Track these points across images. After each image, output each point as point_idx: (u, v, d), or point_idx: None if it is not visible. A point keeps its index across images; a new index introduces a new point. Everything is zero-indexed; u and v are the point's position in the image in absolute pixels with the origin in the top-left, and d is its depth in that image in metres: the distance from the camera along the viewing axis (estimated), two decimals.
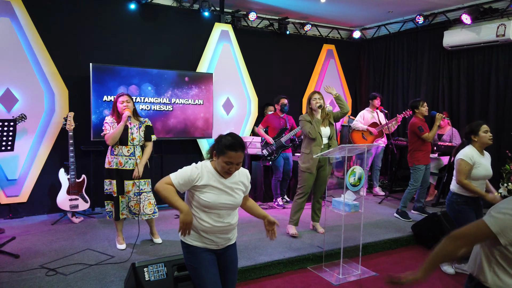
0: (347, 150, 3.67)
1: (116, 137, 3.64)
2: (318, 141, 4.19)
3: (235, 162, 2.10)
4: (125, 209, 3.80)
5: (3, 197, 4.71)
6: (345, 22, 7.58)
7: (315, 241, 4.20)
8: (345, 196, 3.77)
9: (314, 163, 4.20)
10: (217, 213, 2.18)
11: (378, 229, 4.67)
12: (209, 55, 6.04)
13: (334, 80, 7.78)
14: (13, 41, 4.66)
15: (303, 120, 4.29)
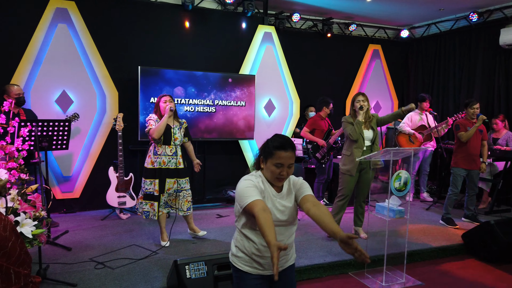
0: (392, 153, 3.55)
1: (161, 131, 3.73)
2: (359, 143, 4.10)
3: (286, 163, 1.85)
4: (162, 206, 3.90)
5: (58, 192, 5.02)
6: (392, 21, 7.34)
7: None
8: (389, 201, 3.64)
9: (355, 165, 4.10)
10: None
11: (425, 236, 4.47)
12: (252, 57, 6.09)
13: (380, 81, 7.56)
14: (69, 46, 4.95)
15: (345, 121, 4.22)
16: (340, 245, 1.65)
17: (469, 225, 4.74)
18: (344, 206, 4.24)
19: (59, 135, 4.01)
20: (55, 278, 3.12)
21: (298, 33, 6.80)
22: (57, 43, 4.89)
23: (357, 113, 4.15)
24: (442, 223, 4.92)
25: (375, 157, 3.65)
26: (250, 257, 1.93)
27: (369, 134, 4.18)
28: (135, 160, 5.34)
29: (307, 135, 5.39)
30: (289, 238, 1.97)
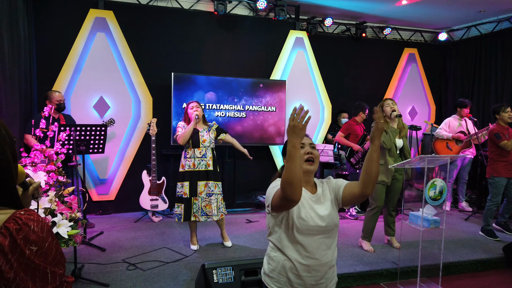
0: (427, 160, 3.42)
1: (186, 136, 3.81)
2: (392, 152, 3.98)
3: (306, 143, 1.80)
4: (198, 211, 3.93)
5: (95, 195, 5.22)
6: (429, 24, 7.11)
7: (389, 256, 3.97)
8: (423, 210, 3.51)
9: (390, 173, 3.98)
10: (308, 244, 1.71)
11: (462, 248, 4.26)
12: (283, 62, 6.08)
13: (416, 86, 7.33)
14: (107, 54, 5.16)
15: None
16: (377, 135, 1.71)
17: (510, 239, 4.47)
18: (376, 216, 4.13)
19: (96, 140, 4.17)
20: (89, 277, 3.23)
21: (331, 37, 6.73)
22: (95, 51, 5.10)
23: (390, 120, 4.02)
24: (482, 234, 4.68)
25: (406, 164, 3.53)
26: (285, 276, 1.73)
27: (400, 142, 4.07)
28: (168, 164, 5.46)
29: (342, 140, 5.30)
30: (333, 254, 1.77)
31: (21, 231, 0.95)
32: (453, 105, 6.98)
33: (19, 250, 0.94)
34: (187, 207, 3.91)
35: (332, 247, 1.78)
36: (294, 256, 1.72)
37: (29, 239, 0.96)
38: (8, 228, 0.94)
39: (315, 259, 1.72)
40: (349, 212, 5.42)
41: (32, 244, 0.96)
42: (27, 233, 0.96)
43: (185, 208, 3.91)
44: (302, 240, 1.71)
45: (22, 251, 0.94)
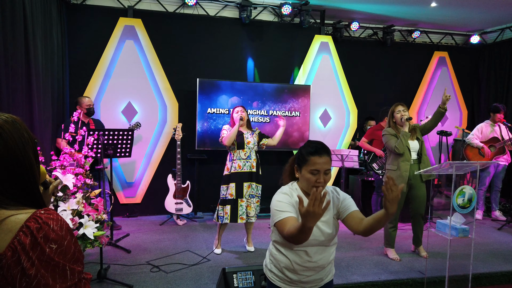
0: (455, 167, 3.31)
1: (231, 137, 3.90)
2: (406, 156, 3.87)
3: (322, 169, 1.75)
4: (244, 214, 3.96)
5: (122, 197, 5.35)
6: (460, 26, 6.90)
7: (415, 265, 3.85)
8: (451, 219, 3.38)
9: (404, 180, 3.87)
10: (305, 251, 1.80)
11: (495, 258, 4.08)
12: (307, 67, 6.06)
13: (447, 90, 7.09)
14: (135, 61, 5.31)
15: (388, 134, 3.98)
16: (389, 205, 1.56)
17: None
18: (395, 222, 4.04)
19: (123, 144, 4.29)
20: (114, 278, 3.32)
21: (357, 42, 6.65)
22: (124, 58, 5.26)
23: (401, 124, 3.94)
24: None
25: (434, 171, 3.42)
26: (282, 273, 1.86)
27: (415, 144, 3.96)
28: (193, 168, 5.54)
29: (365, 145, 5.23)
30: (330, 255, 1.88)
31: (41, 229, 0.98)
32: (486, 110, 6.73)
33: (39, 248, 0.97)
34: (233, 209, 3.93)
35: (331, 251, 1.88)
36: (293, 258, 1.81)
37: (49, 237, 0.99)
38: (29, 227, 0.98)
39: (314, 262, 1.81)
40: None
41: (52, 242, 0.99)
42: (47, 231, 0.99)
43: (232, 210, 3.93)
44: (301, 248, 1.79)
45: (42, 249, 0.98)
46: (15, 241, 0.97)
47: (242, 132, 4.02)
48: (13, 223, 0.99)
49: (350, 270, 3.67)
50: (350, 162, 5.10)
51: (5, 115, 1.09)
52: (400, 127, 3.97)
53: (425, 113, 6.98)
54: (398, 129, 3.97)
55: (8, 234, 0.97)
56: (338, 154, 5.07)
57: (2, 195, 1.03)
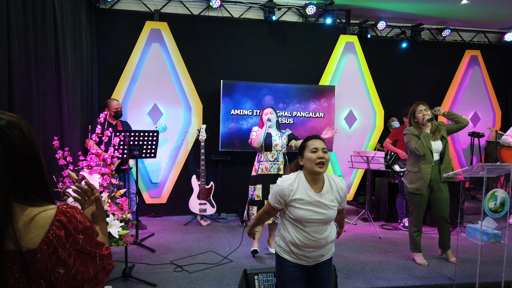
0: (486, 169, 3.17)
1: (260, 139, 3.91)
2: (428, 158, 3.74)
3: (320, 147, 2.13)
4: (278, 219, 3.93)
5: (148, 197, 5.45)
6: (493, 23, 6.63)
7: (444, 270, 3.71)
8: (482, 223, 3.24)
9: (425, 182, 3.74)
10: (308, 229, 2.12)
11: None
12: (332, 67, 5.98)
13: (479, 90, 6.85)
14: (161, 63, 5.40)
15: (409, 133, 3.85)
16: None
17: None
18: (419, 226, 3.90)
19: (148, 145, 4.37)
20: (138, 277, 3.37)
21: (384, 41, 6.51)
22: (150, 61, 5.37)
23: (423, 125, 3.80)
24: None
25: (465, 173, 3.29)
26: (288, 247, 2.17)
27: (438, 145, 3.80)
28: (216, 169, 5.57)
29: (389, 146, 5.12)
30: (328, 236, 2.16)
31: (71, 222, 1.05)
32: None
33: (72, 238, 1.05)
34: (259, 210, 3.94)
35: (330, 229, 2.18)
36: (296, 235, 2.13)
37: (78, 228, 1.06)
38: (61, 220, 1.04)
39: (314, 239, 2.12)
40: (402, 223, 5.16)
41: (80, 233, 1.07)
42: (76, 224, 1.06)
43: (258, 211, 3.93)
44: (303, 227, 2.12)
45: (75, 239, 1.05)
46: (50, 235, 1.02)
47: (270, 134, 3.99)
48: (44, 219, 1.03)
49: (375, 274, 3.58)
50: (376, 164, 4.99)
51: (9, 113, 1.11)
52: (422, 126, 3.84)
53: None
54: (421, 129, 3.84)
55: (41, 229, 1.02)
56: (364, 156, 4.98)
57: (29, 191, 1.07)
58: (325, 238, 2.15)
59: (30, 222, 1.02)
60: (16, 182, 1.04)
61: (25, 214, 1.03)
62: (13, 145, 1.04)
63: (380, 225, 5.27)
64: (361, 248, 4.31)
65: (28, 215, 1.03)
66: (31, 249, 1.00)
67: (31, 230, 1.02)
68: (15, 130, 1.06)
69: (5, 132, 1.04)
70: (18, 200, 1.04)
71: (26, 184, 1.06)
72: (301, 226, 2.13)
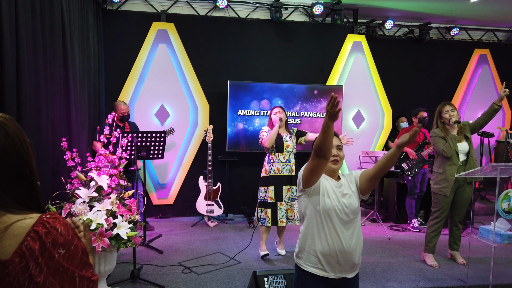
0: (499, 169, 3.11)
1: (272, 139, 3.85)
2: (454, 160, 3.70)
3: (335, 145, 2.06)
4: (284, 217, 3.91)
5: (155, 198, 5.45)
6: (503, 22, 6.54)
7: (455, 272, 3.66)
8: (496, 224, 3.19)
9: (450, 184, 3.70)
10: (335, 226, 1.96)
11: None
12: (340, 67, 5.94)
13: (488, 89, 6.77)
14: (167, 64, 5.39)
15: (435, 136, 3.82)
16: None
17: None
18: (439, 228, 3.84)
19: (156, 146, 4.36)
20: (146, 278, 3.36)
21: (391, 40, 6.45)
22: (157, 62, 5.36)
23: (450, 126, 3.77)
24: None
25: (476, 173, 3.23)
26: (314, 256, 1.98)
27: (464, 146, 3.76)
28: (223, 170, 5.55)
29: None
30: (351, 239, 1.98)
31: (49, 234, 0.96)
32: None
33: (48, 253, 0.95)
34: (273, 212, 3.89)
35: (355, 234, 2.01)
36: (322, 237, 1.97)
37: (57, 242, 0.96)
38: (37, 231, 0.95)
39: (339, 240, 1.95)
40: (411, 224, 5.10)
41: (60, 247, 0.96)
42: (55, 236, 0.96)
43: (272, 213, 3.89)
44: (328, 223, 1.97)
45: (51, 254, 0.95)
46: (23, 246, 0.94)
47: (281, 135, 3.94)
48: (20, 228, 0.95)
49: (386, 276, 3.54)
50: None
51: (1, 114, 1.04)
52: (448, 127, 3.79)
53: (465, 113, 6.68)
54: (447, 130, 3.79)
55: (15, 239, 0.94)
56: (372, 156, 4.93)
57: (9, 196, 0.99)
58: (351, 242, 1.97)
59: (5, 231, 0.95)
60: None
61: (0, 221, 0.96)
62: None
63: (389, 226, 5.21)
64: (371, 249, 4.27)
65: (4, 223, 0.95)
66: (2, 260, 0.93)
67: (5, 239, 0.94)
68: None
69: None
70: None
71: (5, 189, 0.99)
72: (329, 221, 1.96)
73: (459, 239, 3.92)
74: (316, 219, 2.00)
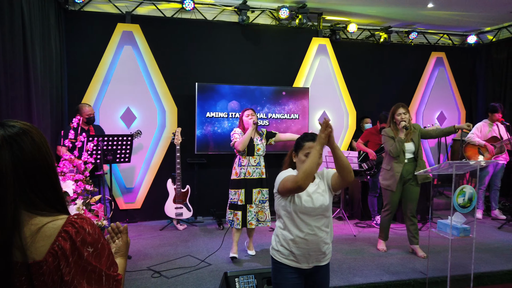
0: (455, 167, 3.31)
1: (245, 142, 3.86)
2: (400, 159, 4.04)
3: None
4: (254, 219, 3.94)
5: (122, 203, 5.35)
6: (457, 26, 6.93)
7: (416, 265, 3.85)
8: (452, 219, 3.39)
9: (396, 180, 4.04)
10: (310, 220, 2.11)
11: (496, 258, 4.08)
12: (306, 69, 6.08)
13: (445, 90, 7.14)
14: (133, 66, 5.32)
15: (385, 135, 4.14)
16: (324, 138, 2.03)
17: None
18: (390, 219, 4.23)
19: (122, 149, 4.29)
20: None
21: (354, 44, 6.67)
22: (123, 64, 5.27)
23: (399, 129, 4.05)
24: None
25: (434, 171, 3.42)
26: (288, 250, 2.13)
27: (410, 146, 4.08)
28: (192, 172, 5.53)
29: (361, 146, 5.36)
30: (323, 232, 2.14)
31: (78, 234, 1.00)
32: (484, 109, 6.75)
33: (77, 252, 1.00)
34: (243, 214, 3.92)
35: (326, 226, 2.17)
36: (296, 232, 2.11)
37: (86, 241, 1.01)
38: (68, 231, 1.00)
39: (312, 235, 2.11)
40: (375, 220, 5.30)
41: (88, 246, 1.02)
42: (84, 235, 1.01)
43: (242, 215, 3.91)
44: (302, 220, 2.11)
45: (80, 253, 1.00)
46: (55, 246, 0.98)
47: (252, 138, 3.96)
48: (52, 229, 1.00)
49: (352, 272, 3.67)
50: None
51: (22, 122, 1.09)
52: (399, 128, 4.06)
53: (423, 113, 7.00)
54: (397, 131, 4.09)
55: (47, 240, 0.99)
56: None
57: (39, 199, 1.04)
58: (322, 234, 2.13)
59: (38, 232, 0.99)
60: (25, 190, 1.01)
61: (33, 223, 1.00)
62: (23, 152, 1.02)
63: (354, 223, 5.39)
64: (337, 246, 4.39)
65: (36, 225, 1.00)
66: (37, 261, 0.97)
67: (38, 241, 0.99)
68: (25, 138, 1.04)
69: (14, 139, 1.02)
70: (26, 209, 1.01)
71: (36, 192, 1.03)
72: (303, 217, 2.10)
73: (416, 233, 4.17)
74: (289, 216, 2.14)
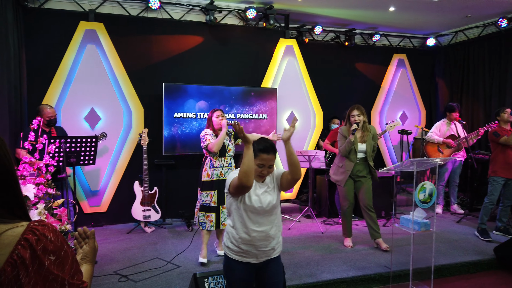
0: (416, 164, 3.45)
1: (220, 144, 3.82)
2: (351, 157, 4.24)
3: (267, 164, 2.19)
4: (226, 219, 3.90)
5: (87, 206, 5.19)
6: (417, 29, 7.22)
7: (381, 260, 3.98)
8: (414, 214, 3.53)
9: (346, 177, 4.25)
10: (254, 220, 2.21)
11: (454, 250, 4.29)
12: (274, 70, 6.14)
13: (406, 91, 7.42)
14: (97, 66, 5.17)
15: (340, 133, 4.33)
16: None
17: (502, 239, 4.51)
18: (349, 212, 4.40)
19: (86, 151, 4.17)
20: None
21: (320, 45, 6.81)
22: (86, 63, 5.12)
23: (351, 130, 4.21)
24: (477, 234, 4.72)
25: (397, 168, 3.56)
26: (237, 246, 2.22)
27: (362, 147, 4.27)
28: (160, 174, 5.45)
29: (328, 147, 5.44)
30: (271, 228, 2.24)
31: (39, 241, 0.96)
32: (442, 109, 7.07)
33: (38, 261, 0.95)
34: (217, 216, 3.88)
35: (275, 222, 2.27)
36: (244, 230, 2.20)
37: (47, 249, 0.97)
38: (28, 239, 0.96)
39: (260, 232, 2.20)
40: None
41: (50, 254, 0.97)
42: (45, 243, 0.97)
43: (216, 217, 3.87)
44: (250, 218, 2.20)
45: (41, 262, 0.96)
46: (14, 255, 0.94)
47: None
48: (10, 237, 0.96)
49: (320, 268, 3.74)
50: (317, 163, 5.21)
51: None
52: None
53: (387, 113, 7.24)
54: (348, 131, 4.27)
55: (6, 249, 0.94)
56: (306, 155, 5.16)
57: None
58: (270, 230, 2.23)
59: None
60: None
61: None
62: None
63: (322, 221, 5.50)
64: (306, 244, 4.47)
65: None
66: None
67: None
68: None
69: None
70: None
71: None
72: (251, 216, 2.20)
73: (376, 226, 4.31)
74: (239, 214, 2.23)
